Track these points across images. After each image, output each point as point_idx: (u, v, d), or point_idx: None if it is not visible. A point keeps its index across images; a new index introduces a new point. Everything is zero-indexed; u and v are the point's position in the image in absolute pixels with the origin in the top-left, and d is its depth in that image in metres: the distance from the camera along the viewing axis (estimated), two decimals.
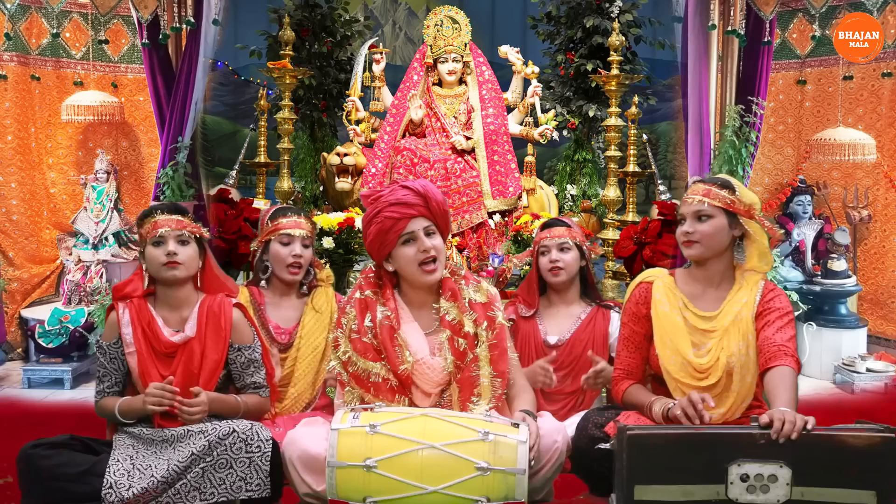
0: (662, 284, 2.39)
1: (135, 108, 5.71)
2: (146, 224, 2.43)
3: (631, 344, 2.43)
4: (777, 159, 5.60)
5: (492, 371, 2.27)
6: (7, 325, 4.97)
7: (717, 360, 2.27)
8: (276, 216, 2.95)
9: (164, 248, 2.38)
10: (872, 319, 5.12)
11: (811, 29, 4.99)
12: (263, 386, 2.50)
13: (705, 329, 2.31)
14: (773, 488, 1.87)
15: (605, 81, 4.45)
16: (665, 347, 2.32)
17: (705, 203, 2.30)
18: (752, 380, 2.25)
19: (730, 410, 2.26)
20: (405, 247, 2.25)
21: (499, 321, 2.32)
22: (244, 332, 2.49)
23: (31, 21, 5.37)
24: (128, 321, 2.40)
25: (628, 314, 2.43)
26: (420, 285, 2.30)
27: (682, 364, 2.29)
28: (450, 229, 2.37)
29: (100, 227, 5.30)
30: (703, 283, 2.37)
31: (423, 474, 2.03)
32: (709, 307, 2.34)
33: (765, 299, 2.29)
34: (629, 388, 2.42)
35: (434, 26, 4.80)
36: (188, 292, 2.46)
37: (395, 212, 2.24)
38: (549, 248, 3.05)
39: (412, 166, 4.44)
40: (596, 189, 5.72)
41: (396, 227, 2.23)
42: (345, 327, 2.31)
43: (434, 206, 2.26)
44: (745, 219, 2.31)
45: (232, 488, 2.19)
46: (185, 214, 2.47)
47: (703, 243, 2.30)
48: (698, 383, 2.27)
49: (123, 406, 2.37)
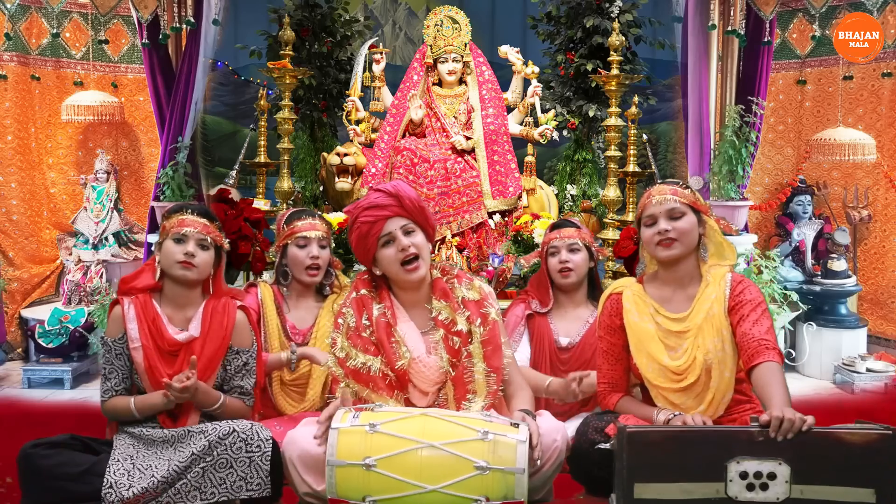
0: (631, 293, 2.41)
1: (135, 108, 5.72)
2: (173, 218, 2.43)
3: (611, 356, 2.44)
4: (777, 159, 5.60)
5: (486, 367, 2.28)
6: (7, 325, 4.97)
7: (693, 359, 2.28)
8: (292, 220, 2.99)
9: (184, 247, 2.39)
10: (872, 319, 5.12)
11: (811, 29, 5.00)
12: (249, 394, 2.49)
13: (679, 331, 2.32)
14: (773, 486, 1.87)
15: (605, 81, 4.45)
16: (641, 356, 2.34)
17: (677, 201, 2.32)
18: (730, 375, 2.26)
19: (710, 406, 2.26)
20: (385, 248, 2.28)
21: (492, 317, 2.33)
22: (244, 336, 2.48)
23: (31, 21, 5.37)
24: (133, 316, 2.39)
25: (603, 327, 2.45)
26: (405, 285, 2.32)
27: (660, 369, 2.31)
28: (433, 225, 2.38)
29: (100, 227, 5.31)
30: (672, 285, 2.38)
31: (422, 473, 2.03)
32: (680, 308, 2.35)
33: (734, 292, 2.29)
34: (620, 401, 2.44)
35: (434, 26, 4.80)
36: (195, 294, 2.47)
37: (369, 215, 2.27)
38: (558, 249, 3.06)
39: (412, 166, 4.44)
40: (596, 189, 5.71)
41: (373, 231, 2.27)
42: (342, 326, 2.32)
43: (408, 203, 2.28)
44: (704, 215, 2.36)
45: (232, 488, 2.19)
46: (213, 221, 2.49)
47: (682, 241, 2.31)
48: (678, 385, 2.29)
49: (139, 403, 2.36)
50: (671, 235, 2.30)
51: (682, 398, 2.29)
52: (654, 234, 2.33)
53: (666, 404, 2.30)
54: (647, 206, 2.37)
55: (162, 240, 2.44)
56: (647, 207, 2.37)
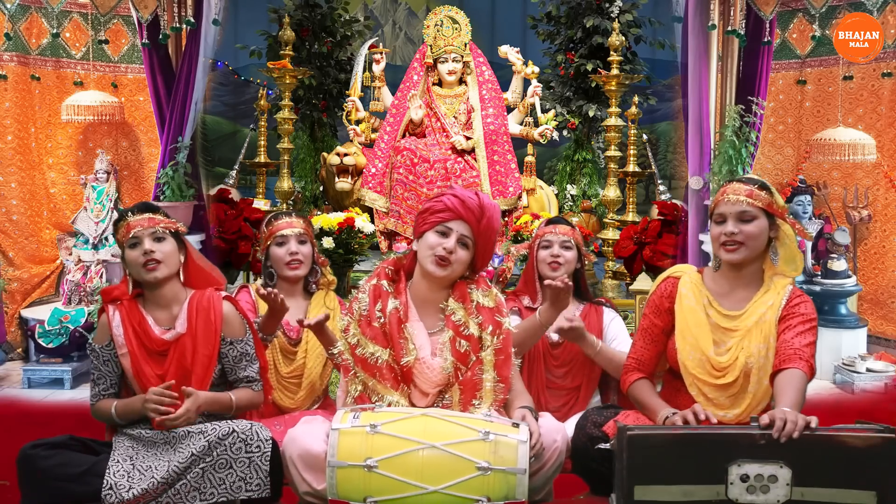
0: (689, 280, 2.37)
1: (135, 108, 5.71)
2: (120, 228, 2.41)
3: (648, 335, 2.42)
4: (777, 159, 5.60)
5: (495, 376, 2.28)
6: (7, 325, 4.97)
7: (735, 359, 2.25)
8: (271, 222, 3.05)
9: (141, 248, 2.36)
10: (872, 319, 5.12)
11: (811, 29, 4.99)
12: (256, 380, 2.49)
13: (728, 328, 2.29)
14: (774, 488, 1.87)
15: (605, 81, 4.45)
16: (685, 342, 2.31)
17: (750, 203, 2.26)
18: (769, 383, 2.23)
19: (745, 412, 2.24)
20: (434, 235, 2.28)
21: (505, 327, 2.33)
22: (235, 325, 2.47)
23: (31, 21, 5.37)
24: (118, 322, 2.39)
25: (651, 306, 2.42)
26: (426, 274, 2.31)
27: (701, 360, 2.28)
28: (486, 259, 2.38)
29: (100, 227, 5.30)
30: (731, 282, 2.34)
31: (423, 474, 2.03)
32: (734, 306, 2.32)
33: (790, 304, 2.27)
34: (637, 381, 2.41)
35: (434, 26, 4.81)
36: (175, 290, 2.45)
37: (451, 203, 2.28)
38: (551, 243, 3.07)
39: (412, 166, 4.44)
40: (596, 189, 5.72)
41: (441, 217, 2.27)
42: (355, 312, 2.32)
43: (485, 224, 2.28)
44: (780, 220, 2.29)
45: (232, 488, 2.19)
46: (156, 212, 2.45)
47: (748, 245, 2.26)
48: (715, 381, 2.26)
49: (120, 408, 2.37)
50: (737, 239, 2.25)
51: (718, 394, 2.26)
52: (721, 233, 2.28)
53: (700, 397, 2.27)
54: (719, 202, 2.31)
55: (122, 253, 2.43)
56: (720, 205, 2.30)
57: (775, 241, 2.30)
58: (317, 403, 2.94)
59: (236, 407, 2.42)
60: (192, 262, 2.50)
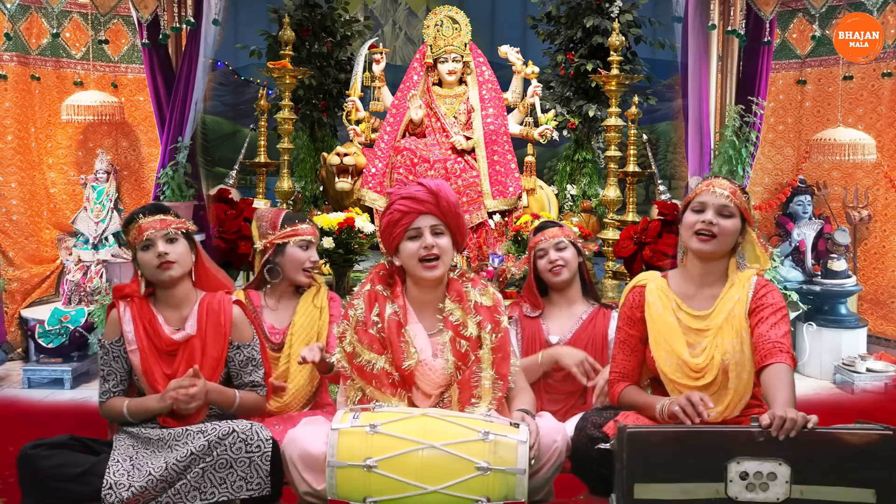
0: (655, 287, 2.40)
1: (135, 108, 5.72)
2: (132, 230, 2.41)
3: (626, 347, 2.45)
4: (777, 159, 5.60)
5: (493, 374, 2.29)
6: (7, 325, 4.97)
7: (711, 358, 2.28)
8: (293, 221, 2.95)
9: (155, 251, 2.37)
10: (872, 319, 5.12)
11: (811, 29, 4.99)
12: (261, 385, 2.50)
13: (699, 328, 2.32)
14: (773, 486, 1.87)
15: (605, 81, 4.45)
16: (660, 349, 2.34)
17: (732, 200, 2.30)
18: (748, 377, 2.26)
19: (728, 408, 2.26)
20: (409, 242, 2.27)
21: (503, 325, 2.34)
22: (244, 330, 2.48)
23: (31, 21, 5.37)
24: (129, 318, 2.40)
25: (623, 318, 2.45)
26: (420, 281, 2.32)
27: (678, 364, 2.31)
28: (463, 234, 2.37)
29: (100, 227, 5.30)
30: (696, 282, 2.38)
31: (423, 474, 2.03)
32: (702, 306, 2.35)
33: (757, 295, 2.30)
34: (625, 389, 2.44)
35: (434, 26, 4.80)
36: (187, 290, 2.46)
37: (404, 205, 2.28)
38: (546, 251, 3.08)
39: (412, 166, 4.44)
40: (596, 189, 5.72)
41: (403, 221, 2.27)
42: (351, 319, 2.32)
43: (445, 205, 2.28)
44: (748, 225, 2.35)
45: (232, 488, 2.19)
46: (167, 213, 2.45)
47: (720, 240, 2.30)
48: (695, 383, 2.28)
49: (133, 407, 2.37)
50: (713, 230, 2.29)
51: None
52: (698, 221, 2.30)
53: None
54: (702, 192, 2.34)
55: (133, 254, 2.43)
56: (702, 194, 2.34)
57: (742, 246, 2.36)
58: (308, 405, 2.87)
59: (239, 404, 2.42)
60: (202, 262, 2.52)
